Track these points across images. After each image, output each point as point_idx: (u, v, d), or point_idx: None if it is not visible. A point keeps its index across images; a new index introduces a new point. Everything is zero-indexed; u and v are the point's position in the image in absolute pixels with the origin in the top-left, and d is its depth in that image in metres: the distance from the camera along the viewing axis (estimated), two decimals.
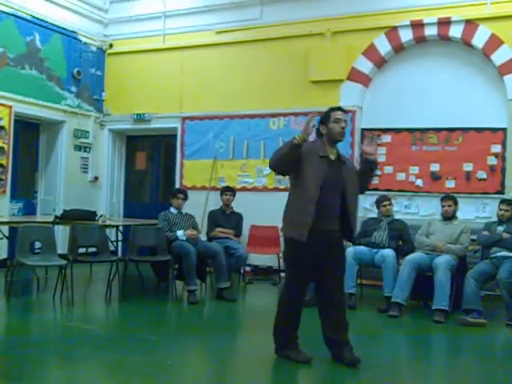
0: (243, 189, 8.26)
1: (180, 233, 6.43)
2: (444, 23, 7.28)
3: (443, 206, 6.11)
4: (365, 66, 7.75)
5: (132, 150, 9.90)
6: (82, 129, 9.14)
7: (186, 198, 6.81)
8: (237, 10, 8.50)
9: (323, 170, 3.85)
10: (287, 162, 3.86)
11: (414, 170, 7.54)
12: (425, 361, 4.42)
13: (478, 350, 4.80)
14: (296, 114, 8.10)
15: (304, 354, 4.07)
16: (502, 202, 6.01)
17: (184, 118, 8.85)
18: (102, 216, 7.23)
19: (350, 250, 6.11)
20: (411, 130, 7.58)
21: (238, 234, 7.25)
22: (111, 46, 9.47)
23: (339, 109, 4.09)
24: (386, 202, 6.40)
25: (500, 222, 5.92)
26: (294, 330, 4.11)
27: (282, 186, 8.14)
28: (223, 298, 6.23)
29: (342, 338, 4.08)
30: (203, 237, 7.07)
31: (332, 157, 3.95)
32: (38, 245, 6.36)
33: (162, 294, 6.55)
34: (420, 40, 7.52)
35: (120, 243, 8.06)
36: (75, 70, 8.93)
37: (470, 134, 7.28)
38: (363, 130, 7.83)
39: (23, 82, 8.16)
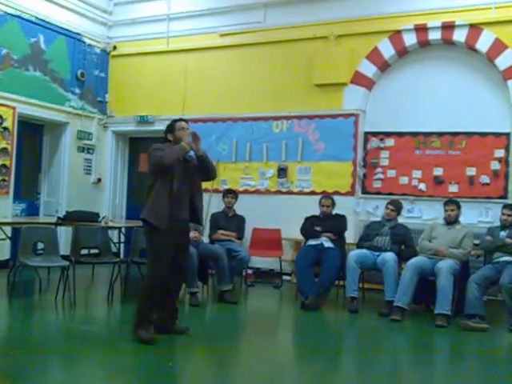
0: (245, 191, 8.26)
1: None
2: (448, 27, 7.28)
3: (446, 211, 6.09)
4: (368, 69, 7.75)
5: (135, 151, 9.91)
6: (86, 130, 9.16)
7: None
8: (241, 13, 8.52)
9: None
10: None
11: (417, 174, 7.53)
12: (426, 365, 4.40)
13: (480, 354, 4.78)
14: (299, 117, 8.11)
15: (150, 333, 4.45)
16: (505, 206, 5.99)
17: (187, 121, 8.82)
18: (104, 217, 7.22)
19: (353, 254, 6.10)
20: (414, 134, 7.57)
21: (240, 237, 7.23)
22: (115, 48, 9.50)
23: (181, 120, 4.81)
24: (390, 206, 6.39)
25: (503, 226, 5.90)
26: (152, 313, 4.57)
27: (284, 189, 8.15)
28: (225, 300, 6.23)
29: (170, 325, 4.70)
30: (205, 239, 7.07)
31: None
32: (40, 246, 6.37)
33: None
34: (424, 44, 7.52)
35: (122, 245, 8.07)
36: (79, 72, 8.96)
37: (473, 138, 7.28)
38: (366, 133, 7.83)
39: (27, 83, 8.18)
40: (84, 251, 6.48)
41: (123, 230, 7.61)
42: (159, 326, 4.66)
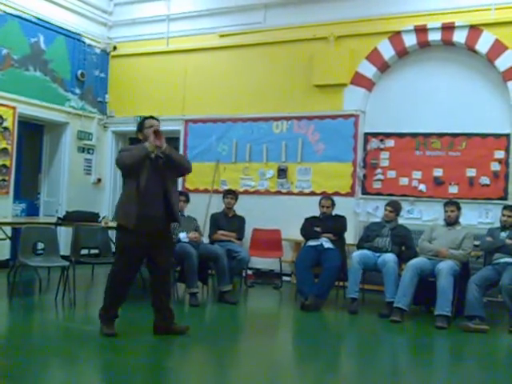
0: (245, 192, 8.26)
1: (182, 235, 6.42)
2: (448, 28, 7.28)
3: (446, 212, 6.09)
4: (368, 70, 7.75)
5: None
6: (86, 130, 9.16)
7: (187, 201, 6.80)
8: (240, 14, 8.52)
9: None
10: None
11: (417, 174, 7.53)
12: (426, 367, 4.41)
13: (480, 356, 4.78)
14: (299, 118, 8.11)
15: (111, 329, 4.54)
16: (505, 207, 5.99)
17: (187, 121, 8.86)
18: (104, 218, 7.23)
19: (356, 255, 6.09)
20: (414, 135, 7.57)
21: (240, 238, 7.23)
22: (115, 48, 9.49)
23: (151, 117, 4.75)
24: (388, 207, 6.39)
25: (503, 227, 5.89)
26: (115, 309, 4.62)
27: (284, 190, 8.15)
28: (225, 300, 6.23)
29: (169, 325, 4.66)
30: (205, 240, 7.07)
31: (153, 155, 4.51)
32: (40, 246, 6.37)
33: None
34: (424, 45, 7.53)
35: None
36: (79, 72, 8.95)
37: (473, 139, 7.28)
38: (366, 134, 7.83)
39: (27, 83, 8.18)
40: (84, 251, 6.48)
41: None
42: (157, 327, 4.67)
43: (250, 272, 7.84)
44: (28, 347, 4.32)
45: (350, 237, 7.14)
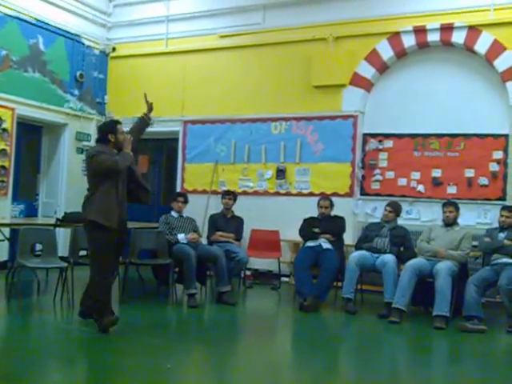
0: (244, 193, 8.26)
1: (181, 236, 6.43)
2: (447, 29, 7.28)
3: (444, 212, 6.09)
4: (367, 71, 7.75)
5: (134, 153, 9.87)
6: (84, 132, 9.16)
7: (186, 202, 6.82)
8: (240, 15, 8.52)
9: None
10: None
11: (416, 175, 7.52)
12: (425, 367, 4.41)
13: (479, 356, 4.79)
14: (298, 119, 8.11)
15: (111, 316, 4.66)
16: (504, 208, 5.99)
17: (186, 122, 8.86)
18: None
19: (354, 256, 6.09)
20: (413, 136, 7.57)
21: (238, 238, 7.24)
22: (114, 49, 9.49)
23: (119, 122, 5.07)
24: (388, 208, 6.39)
25: (501, 228, 5.89)
26: (109, 298, 4.77)
27: (282, 191, 8.15)
28: (223, 301, 6.23)
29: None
30: (204, 240, 7.07)
31: None
32: (38, 247, 6.37)
33: (163, 298, 6.54)
34: (422, 46, 7.53)
35: None
36: (78, 73, 8.95)
37: (472, 139, 7.28)
38: (365, 134, 7.83)
39: (26, 84, 8.18)
40: (82, 252, 6.47)
41: None
42: (85, 311, 4.95)
43: (248, 273, 7.83)
44: (26, 348, 4.32)
45: (349, 237, 7.13)
